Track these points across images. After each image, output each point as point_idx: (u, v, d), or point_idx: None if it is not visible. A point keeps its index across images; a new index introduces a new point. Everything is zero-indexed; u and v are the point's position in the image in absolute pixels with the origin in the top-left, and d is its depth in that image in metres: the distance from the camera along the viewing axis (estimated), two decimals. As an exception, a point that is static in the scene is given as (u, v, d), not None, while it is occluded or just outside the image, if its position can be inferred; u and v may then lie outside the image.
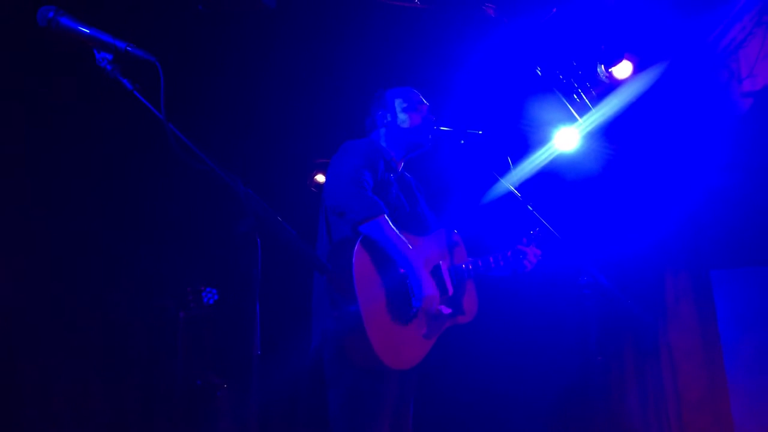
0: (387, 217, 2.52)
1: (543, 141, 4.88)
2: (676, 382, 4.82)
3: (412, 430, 2.77)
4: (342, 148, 2.78)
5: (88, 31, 1.72)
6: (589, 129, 4.84)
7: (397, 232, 2.54)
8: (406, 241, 2.55)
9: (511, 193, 3.05)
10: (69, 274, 4.05)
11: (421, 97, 3.01)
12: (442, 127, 2.94)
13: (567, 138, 4.87)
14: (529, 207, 3.03)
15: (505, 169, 3.13)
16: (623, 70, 4.56)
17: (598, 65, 4.59)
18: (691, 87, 4.68)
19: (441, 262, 2.77)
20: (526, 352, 5.06)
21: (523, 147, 4.84)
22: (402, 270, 2.56)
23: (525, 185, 3.22)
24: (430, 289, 2.53)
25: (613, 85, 4.67)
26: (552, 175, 4.84)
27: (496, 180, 3.05)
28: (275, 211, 1.76)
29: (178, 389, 4.17)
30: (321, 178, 5.42)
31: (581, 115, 4.83)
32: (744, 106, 4.50)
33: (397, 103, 2.95)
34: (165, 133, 1.67)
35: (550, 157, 4.83)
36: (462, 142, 2.95)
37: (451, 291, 2.75)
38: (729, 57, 4.54)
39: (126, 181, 4.33)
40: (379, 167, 2.71)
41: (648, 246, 4.97)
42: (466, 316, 2.82)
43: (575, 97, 4.78)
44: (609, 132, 4.95)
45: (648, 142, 4.97)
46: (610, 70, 4.56)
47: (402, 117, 2.92)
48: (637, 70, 4.58)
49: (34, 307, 3.88)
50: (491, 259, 2.94)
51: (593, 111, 4.80)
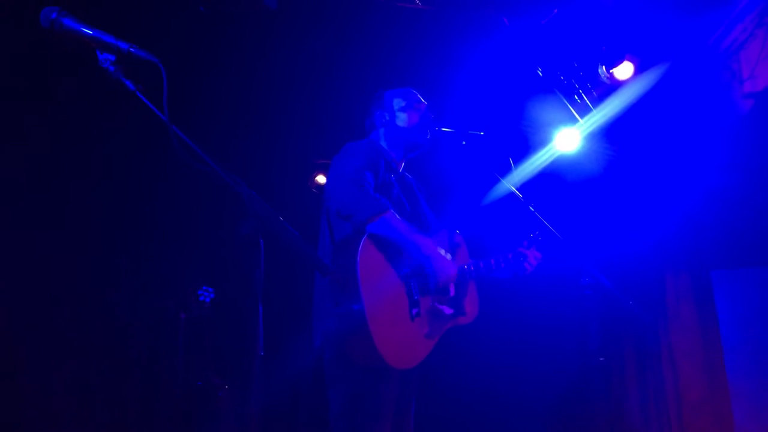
0: (392, 211, 2.52)
1: (544, 142, 4.88)
2: (676, 383, 4.82)
3: (413, 430, 2.77)
4: (343, 150, 2.77)
5: (90, 32, 1.71)
6: (590, 130, 4.85)
7: (404, 222, 2.54)
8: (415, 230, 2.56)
9: (512, 193, 3.06)
10: (70, 274, 4.05)
11: (419, 96, 3.00)
12: (443, 128, 2.94)
13: (568, 139, 4.87)
14: (530, 208, 3.03)
15: (506, 170, 3.14)
16: (624, 71, 4.56)
17: (599, 66, 4.58)
18: (692, 88, 4.68)
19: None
20: (526, 352, 5.06)
21: (524, 148, 4.85)
22: (414, 260, 2.55)
23: (526, 186, 3.22)
24: (449, 267, 2.57)
25: (614, 86, 4.67)
26: (553, 175, 4.84)
27: (497, 181, 3.05)
28: (276, 212, 1.75)
29: (178, 390, 4.17)
30: (321, 179, 5.42)
31: (582, 116, 4.84)
32: (745, 107, 4.50)
33: (396, 103, 2.95)
34: (167, 134, 1.66)
35: (551, 158, 4.83)
36: (463, 143, 2.95)
37: (452, 292, 2.75)
38: (730, 58, 4.54)
39: (128, 181, 4.33)
40: (380, 168, 2.71)
41: (649, 246, 4.98)
42: (467, 317, 2.82)
43: (576, 98, 4.78)
44: (610, 133, 4.95)
45: (649, 143, 4.97)
46: (611, 71, 4.56)
47: (400, 116, 2.92)
48: (638, 71, 4.58)
49: (34, 307, 3.88)
50: (492, 261, 2.94)
51: (594, 112, 4.81)
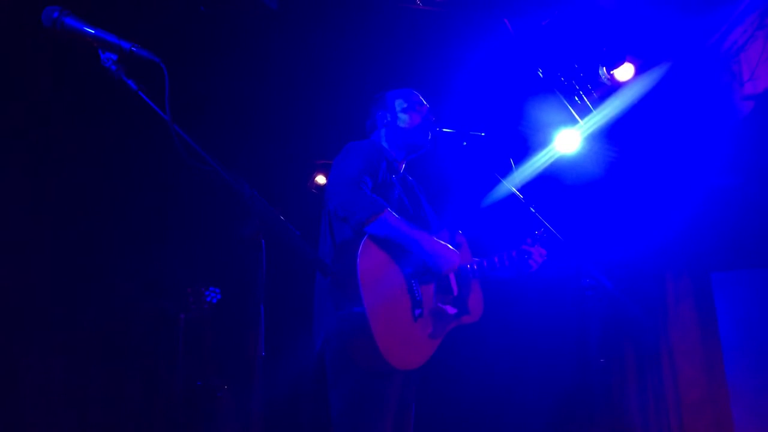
0: (390, 210, 2.51)
1: (544, 143, 4.87)
2: (676, 384, 4.83)
3: (413, 430, 2.77)
4: (344, 150, 2.76)
5: (92, 31, 1.71)
6: (590, 131, 4.84)
7: (403, 220, 2.54)
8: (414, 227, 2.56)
9: (513, 195, 3.05)
10: (70, 275, 4.04)
11: (421, 98, 3.00)
12: (444, 129, 2.94)
13: (568, 140, 4.87)
14: (531, 209, 3.03)
15: (507, 171, 3.13)
16: (625, 72, 4.56)
17: (600, 67, 4.58)
18: (692, 90, 4.68)
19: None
20: (527, 353, 5.06)
21: (525, 149, 4.84)
22: (416, 256, 2.54)
23: (526, 187, 3.21)
24: (452, 255, 2.57)
25: (615, 87, 4.67)
26: (553, 177, 4.83)
27: (498, 182, 3.05)
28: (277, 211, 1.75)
29: (178, 390, 4.16)
30: (321, 180, 5.41)
31: (583, 118, 4.84)
32: (745, 109, 4.51)
33: (397, 104, 2.95)
34: (169, 134, 1.66)
35: (552, 160, 4.83)
36: (464, 143, 2.95)
37: (456, 291, 2.74)
38: (730, 60, 4.55)
39: (128, 181, 4.33)
40: (381, 168, 2.70)
41: (649, 248, 4.97)
42: (472, 316, 2.80)
43: (577, 99, 4.78)
44: (610, 134, 4.95)
45: (649, 145, 4.97)
46: (611, 72, 4.56)
47: (402, 117, 2.92)
48: (639, 72, 4.58)
49: (35, 307, 3.88)
50: (496, 260, 2.92)
51: (595, 113, 4.80)
